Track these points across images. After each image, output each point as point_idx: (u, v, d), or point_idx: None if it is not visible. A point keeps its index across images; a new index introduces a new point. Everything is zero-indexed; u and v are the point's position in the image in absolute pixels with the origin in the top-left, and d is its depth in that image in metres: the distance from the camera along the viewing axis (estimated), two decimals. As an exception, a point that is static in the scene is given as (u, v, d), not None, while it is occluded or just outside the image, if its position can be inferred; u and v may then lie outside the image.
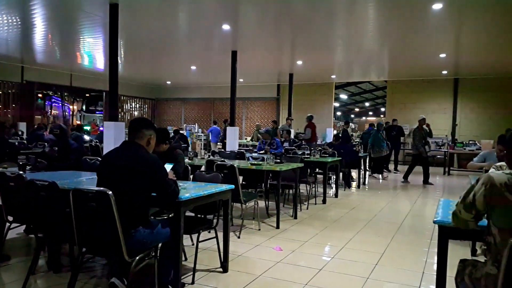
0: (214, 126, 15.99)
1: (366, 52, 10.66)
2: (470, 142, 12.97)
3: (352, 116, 40.34)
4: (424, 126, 10.16)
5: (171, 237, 2.88)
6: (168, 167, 3.11)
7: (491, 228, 1.93)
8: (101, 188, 2.46)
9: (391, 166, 12.92)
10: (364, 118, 37.78)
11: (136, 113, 19.95)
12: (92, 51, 11.50)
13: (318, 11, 7.20)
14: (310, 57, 11.55)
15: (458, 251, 3.92)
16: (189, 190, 3.16)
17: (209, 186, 3.44)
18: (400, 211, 6.68)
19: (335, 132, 14.97)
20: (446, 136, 14.44)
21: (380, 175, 11.10)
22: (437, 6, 6.60)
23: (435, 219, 2.29)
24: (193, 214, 3.73)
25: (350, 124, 29.42)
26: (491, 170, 2.08)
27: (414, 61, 11.79)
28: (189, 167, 4.11)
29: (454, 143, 13.40)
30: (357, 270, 3.74)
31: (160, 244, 2.81)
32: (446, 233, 2.32)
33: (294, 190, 5.96)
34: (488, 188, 1.91)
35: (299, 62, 12.15)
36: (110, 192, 2.41)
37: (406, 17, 7.40)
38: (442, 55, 10.57)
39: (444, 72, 13.36)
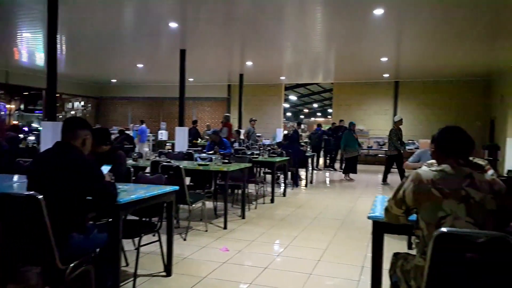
0: (143, 125, 15.63)
1: (314, 54, 10.93)
2: (409, 141, 13.70)
3: (302, 116, 41.20)
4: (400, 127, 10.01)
5: (109, 242, 2.76)
6: (105, 169, 2.98)
7: (420, 222, 2.04)
8: (31, 192, 2.31)
9: (338, 166, 13.32)
10: (312, 118, 38.76)
11: (74, 112, 19.07)
12: (30, 47, 10.83)
13: (266, 12, 7.27)
14: (260, 58, 11.65)
15: (396, 245, 4.10)
16: (129, 192, 3.05)
17: (152, 188, 3.35)
18: (344, 208, 6.90)
19: (285, 132, 15.22)
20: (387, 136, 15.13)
21: (350, 175, 10.84)
22: (378, 12, 6.89)
23: (369, 215, 2.38)
24: (137, 218, 3.62)
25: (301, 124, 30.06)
26: (423, 167, 2.19)
27: (358, 64, 12.25)
28: (132, 169, 3.97)
29: (395, 143, 14.06)
30: (301, 267, 3.81)
31: (98, 250, 2.70)
32: (381, 228, 2.41)
33: (242, 190, 5.97)
34: (417, 185, 2.01)
35: (249, 63, 12.22)
36: (41, 196, 2.26)
37: (350, 22, 7.67)
38: (384, 59, 11.06)
39: (386, 75, 14.01)
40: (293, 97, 29.14)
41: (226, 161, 5.81)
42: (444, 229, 1.79)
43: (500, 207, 1.96)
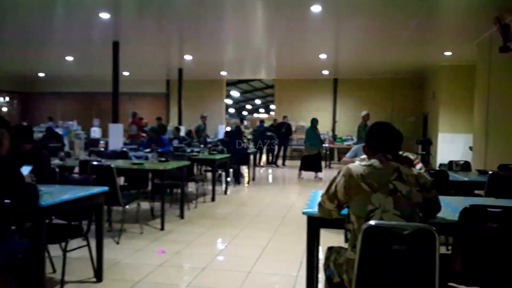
0: (50, 123, 14.92)
1: (255, 50, 10.98)
2: (348, 137, 14.29)
3: (245, 113, 41.40)
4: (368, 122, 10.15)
5: (32, 248, 2.58)
6: (25, 169, 2.78)
7: (351, 216, 2.12)
8: None
9: (281, 162, 13.56)
10: (256, 115, 39.09)
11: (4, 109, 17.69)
12: None
13: (205, 6, 7.17)
14: (200, 53, 11.49)
15: (334, 239, 4.23)
16: (53, 195, 2.87)
17: (78, 189, 3.17)
18: (285, 204, 7.03)
19: (228, 128, 15.20)
20: (328, 132, 15.66)
21: (318, 173, 10.64)
22: (316, 9, 7.07)
23: (304, 210, 2.43)
24: (65, 222, 3.42)
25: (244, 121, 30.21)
26: (356, 162, 2.28)
27: (299, 61, 12.50)
28: (57, 169, 3.74)
29: (334, 139, 14.66)
30: (240, 265, 3.83)
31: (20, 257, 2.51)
32: (315, 223, 2.47)
33: (181, 189, 5.86)
34: (347, 180, 2.09)
35: (188, 57, 12.01)
36: None
37: (289, 18, 7.80)
38: (323, 56, 11.39)
39: (325, 72, 14.46)
40: (235, 93, 29.17)
41: (163, 159, 5.67)
42: (372, 222, 1.88)
43: (426, 199, 2.10)
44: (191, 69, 13.90)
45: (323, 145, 14.57)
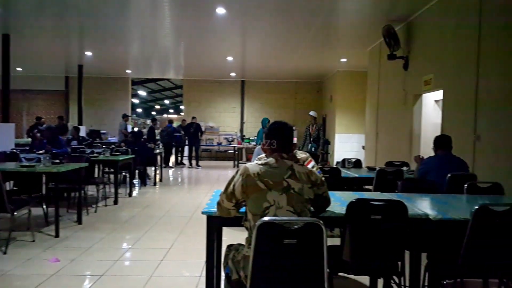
0: None
1: (162, 49, 10.68)
2: (255, 137, 14.62)
3: (153, 113, 40.11)
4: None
5: None
6: None
7: (248, 214, 2.15)
8: None
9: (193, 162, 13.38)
10: (165, 115, 38.08)
11: None
12: None
13: (105, 0, 6.78)
14: (102, 49, 10.83)
15: (239, 236, 4.29)
16: None
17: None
18: (192, 205, 6.94)
19: (136, 129, 14.60)
20: (236, 132, 15.88)
21: None
22: (221, 11, 7.10)
23: (203, 210, 2.41)
24: None
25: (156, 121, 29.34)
26: (254, 161, 2.31)
27: (206, 62, 12.45)
28: None
29: (242, 139, 14.90)
30: (141, 270, 3.67)
31: None
32: (215, 222, 2.46)
33: (78, 192, 5.46)
34: (245, 178, 2.11)
35: (89, 53, 11.26)
36: None
37: (195, 18, 7.71)
38: (230, 58, 11.50)
39: (233, 74, 14.63)
40: (142, 93, 28.12)
41: (58, 161, 5.22)
42: (266, 218, 1.93)
43: (317, 195, 2.20)
44: (93, 66, 13.06)
45: (232, 145, 14.82)
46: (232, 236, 3.47)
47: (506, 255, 2.35)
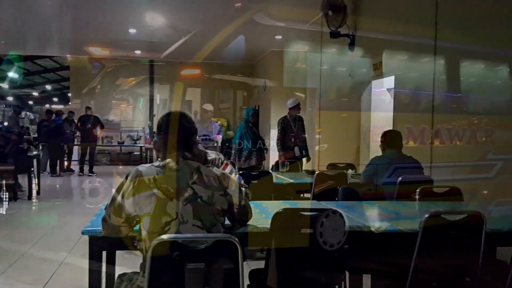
0: None
1: (41, 16, 10.09)
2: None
3: (30, 102, 38.12)
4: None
5: None
6: None
7: (142, 232, 2.09)
8: None
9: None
10: (48, 105, 36.31)
11: None
12: None
13: None
14: None
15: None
16: None
17: None
18: (82, 223, 6.64)
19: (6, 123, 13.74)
20: (143, 128, 15.53)
21: None
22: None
23: (83, 229, 2.32)
24: None
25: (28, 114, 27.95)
26: (148, 163, 2.26)
27: (102, 35, 12.03)
28: None
29: (152, 137, 14.67)
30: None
31: None
32: (102, 245, 2.38)
33: None
34: (137, 186, 2.05)
35: None
36: None
37: None
38: (133, 31, 11.18)
39: (137, 51, 14.21)
40: (14, 75, 26.69)
41: None
42: (164, 236, 1.89)
43: (232, 205, 2.20)
44: None
45: (139, 144, 14.46)
46: (130, 262, 3.37)
47: (459, 274, 2.49)
